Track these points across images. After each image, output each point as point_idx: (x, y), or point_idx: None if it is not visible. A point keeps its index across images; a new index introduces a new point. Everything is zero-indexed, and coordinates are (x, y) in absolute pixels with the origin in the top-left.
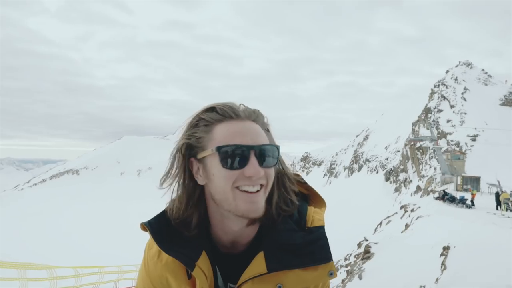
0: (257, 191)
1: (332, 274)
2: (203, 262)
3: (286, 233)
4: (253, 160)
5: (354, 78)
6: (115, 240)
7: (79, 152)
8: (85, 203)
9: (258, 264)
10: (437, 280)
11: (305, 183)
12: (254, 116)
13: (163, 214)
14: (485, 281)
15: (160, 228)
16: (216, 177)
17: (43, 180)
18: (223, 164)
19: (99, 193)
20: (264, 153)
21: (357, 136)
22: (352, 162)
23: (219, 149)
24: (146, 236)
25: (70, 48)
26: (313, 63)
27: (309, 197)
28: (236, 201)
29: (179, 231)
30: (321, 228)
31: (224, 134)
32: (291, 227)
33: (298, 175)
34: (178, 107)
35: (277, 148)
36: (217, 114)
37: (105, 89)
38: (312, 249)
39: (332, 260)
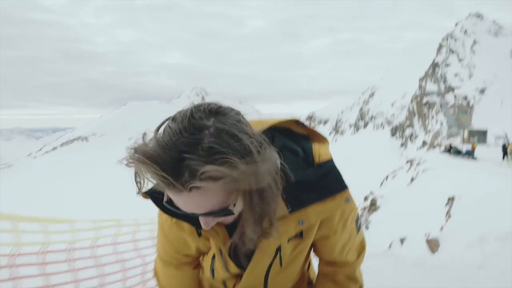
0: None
1: (349, 201)
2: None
3: (298, 173)
4: (201, 220)
5: (358, 34)
6: (128, 200)
7: (86, 119)
8: (96, 168)
9: (279, 207)
10: (441, 228)
11: (303, 124)
12: (199, 182)
13: None
14: (489, 227)
15: (162, 194)
16: None
17: (54, 147)
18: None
19: (109, 158)
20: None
21: (362, 93)
22: (358, 120)
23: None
24: None
25: (67, 14)
26: (316, 21)
27: (310, 136)
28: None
29: None
30: (330, 161)
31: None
32: (301, 165)
33: (297, 120)
34: (180, 71)
35: (226, 211)
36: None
37: (106, 54)
38: (327, 182)
39: (347, 187)
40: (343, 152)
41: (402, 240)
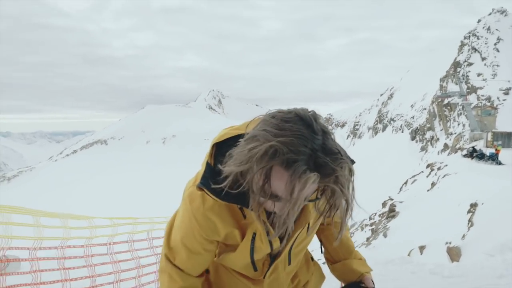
0: None
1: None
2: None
3: None
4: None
5: (375, 34)
6: (145, 201)
7: (105, 123)
8: (115, 171)
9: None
10: (463, 236)
11: None
12: (313, 179)
13: (209, 172)
14: (511, 236)
15: (211, 183)
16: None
17: (74, 151)
18: (252, 192)
19: (127, 161)
20: None
21: (381, 95)
22: (376, 122)
23: (260, 186)
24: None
25: (86, 19)
26: (331, 21)
27: None
28: (254, 207)
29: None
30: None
31: (273, 179)
32: None
33: None
34: (197, 74)
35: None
36: (285, 165)
37: (123, 59)
38: None
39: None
40: (361, 156)
41: (421, 248)
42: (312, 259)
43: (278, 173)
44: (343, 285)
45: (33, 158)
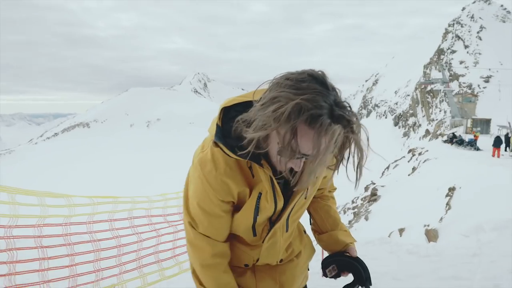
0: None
1: None
2: (264, 163)
3: None
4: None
5: (362, 20)
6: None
7: (87, 105)
8: (98, 154)
9: None
10: (441, 219)
11: None
12: (339, 131)
13: (220, 131)
14: (487, 218)
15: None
16: (272, 152)
17: (55, 134)
18: (279, 153)
19: (111, 144)
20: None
21: (366, 81)
22: (360, 108)
23: (287, 145)
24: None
25: None
26: (319, 5)
27: None
28: (278, 167)
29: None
30: None
31: (300, 138)
32: None
33: None
34: (183, 57)
35: (330, 169)
36: (310, 122)
37: (107, 39)
38: None
39: None
40: None
41: (401, 231)
42: (305, 232)
43: (304, 130)
44: (326, 254)
45: (12, 140)
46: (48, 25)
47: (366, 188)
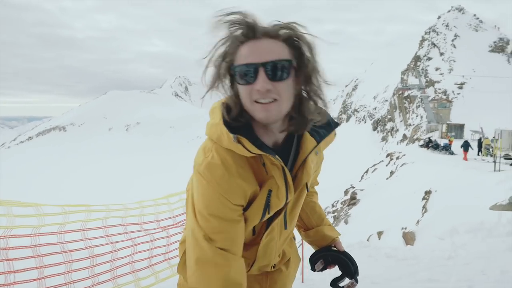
0: (270, 102)
1: (335, 135)
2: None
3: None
4: (260, 76)
5: (341, 26)
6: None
7: (64, 108)
8: (74, 159)
9: (310, 140)
10: (418, 222)
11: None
12: (274, 33)
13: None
14: (462, 219)
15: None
16: (240, 92)
17: (30, 137)
18: (239, 81)
19: (88, 149)
20: (271, 69)
21: (346, 86)
22: (340, 113)
23: (234, 68)
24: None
25: None
26: (299, 11)
27: None
28: (254, 112)
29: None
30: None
31: (242, 54)
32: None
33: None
34: (163, 60)
35: (287, 61)
36: (242, 35)
37: (85, 41)
38: (330, 121)
39: (339, 123)
40: None
41: (379, 234)
42: (294, 238)
43: (242, 49)
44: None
45: None
46: (24, 25)
47: (346, 192)
